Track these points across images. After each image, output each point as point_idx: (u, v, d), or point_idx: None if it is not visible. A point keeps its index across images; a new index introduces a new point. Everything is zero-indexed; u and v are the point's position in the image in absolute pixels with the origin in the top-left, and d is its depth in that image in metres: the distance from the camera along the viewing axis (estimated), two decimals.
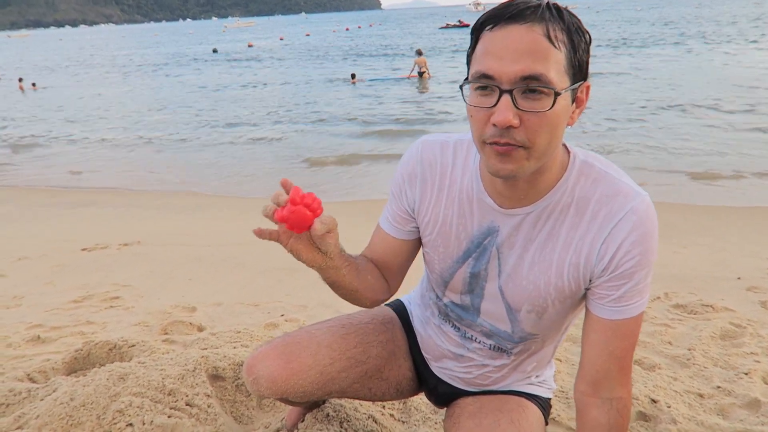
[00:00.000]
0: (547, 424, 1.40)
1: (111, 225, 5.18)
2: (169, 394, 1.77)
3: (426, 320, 1.45)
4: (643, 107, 10.85)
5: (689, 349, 2.35)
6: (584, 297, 1.17)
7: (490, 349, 1.32)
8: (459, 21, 47.90)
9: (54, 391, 1.85)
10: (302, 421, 1.72)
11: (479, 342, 1.32)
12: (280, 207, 1.00)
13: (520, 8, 0.92)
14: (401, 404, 1.95)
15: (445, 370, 1.43)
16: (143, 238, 4.50)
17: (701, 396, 2.00)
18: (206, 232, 4.83)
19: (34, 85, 22.19)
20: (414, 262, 1.38)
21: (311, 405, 1.74)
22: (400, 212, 1.28)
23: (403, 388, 1.52)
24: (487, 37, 0.94)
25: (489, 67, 0.93)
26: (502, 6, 0.94)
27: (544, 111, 0.92)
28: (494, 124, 0.93)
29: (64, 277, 3.68)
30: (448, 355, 1.40)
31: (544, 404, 1.41)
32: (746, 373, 2.12)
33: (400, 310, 1.57)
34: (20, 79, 22.66)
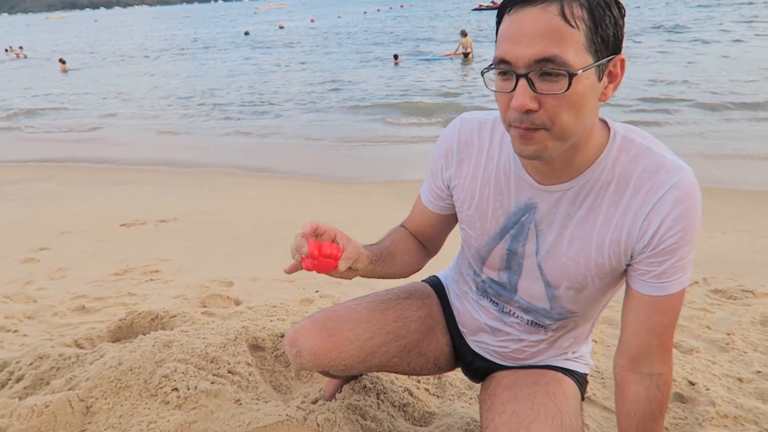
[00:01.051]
0: (583, 399, 1.41)
1: (149, 202, 5.30)
2: (212, 362, 1.82)
3: (463, 294, 1.46)
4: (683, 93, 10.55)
5: (728, 334, 2.31)
6: (624, 273, 1.16)
7: (527, 324, 1.32)
8: (492, 2, 47.10)
9: (102, 357, 1.92)
10: (340, 391, 1.76)
11: (517, 317, 1.33)
12: (304, 257, 1.11)
13: None
14: (436, 379, 1.97)
15: (481, 344, 1.45)
16: (180, 216, 4.60)
17: (740, 380, 1.97)
18: (243, 210, 4.91)
19: (62, 62, 22.78)
20: (449, 239, 1.40)
21: (349, 377, 1.77)
22: (437, 188, 1.31)
23: (440, 363, 1.54)
24: (506, 21, 0.95)
25: (505, 53, 0.93)
26: None
27: (561, 93, 0.92)
28: (514, 108, 0.95)
29: (105, 252, 3.80)
30: (485, 329, 1.41)
31: (580, 379, 1.41)
32: None
33: (437, 285, 1.58)
34: (61, 60, 23.17)
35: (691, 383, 1.91)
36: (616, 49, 0.96)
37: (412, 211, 1.41)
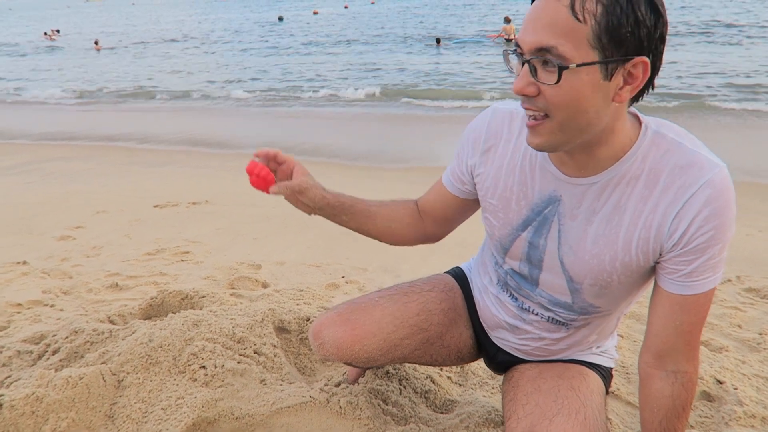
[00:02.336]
0: (607, 393, 1.40)
1: (183, 184, 5.40)
2: (239, 342, 1.86)
3: (484, 289, 1.45)
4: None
5: (760, 334, 2.26)
6: (652, 270, 1.13)
7: (547, 321, 1.31)
8: None
9: (133, 333, 1.98)
10: (363, 376, 1.78)
11: (536, 314, 1.31)
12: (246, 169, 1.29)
13: None
14: (459, 368, 1.98)
15: (502, 340, 1.44)
16: (211, 198, 4.67)
17: None
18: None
19: (96, 43, 23.71)
20: (474, 229, 1.39)
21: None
22: (459, 172, 1.33)
23: (463, 355, 1.54)
24: (530, 7, 0.97)
25: (518, 37, 0.97)
26: None
27: (552, 84, 0.93)
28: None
29: (139, 231, 3.89)
30: (504, 326, 1.40)
31: (605, 373, 1.40)
32: None
33: (461, 277, 1.58)
34: (96, 42, 23.93)
35: (719, 382, 1.88)
36: (639, 50, 0.92)
37: (430, 189, 1.44)
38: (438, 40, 18.73)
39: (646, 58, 0.93)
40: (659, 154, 1.04)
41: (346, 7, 50.82)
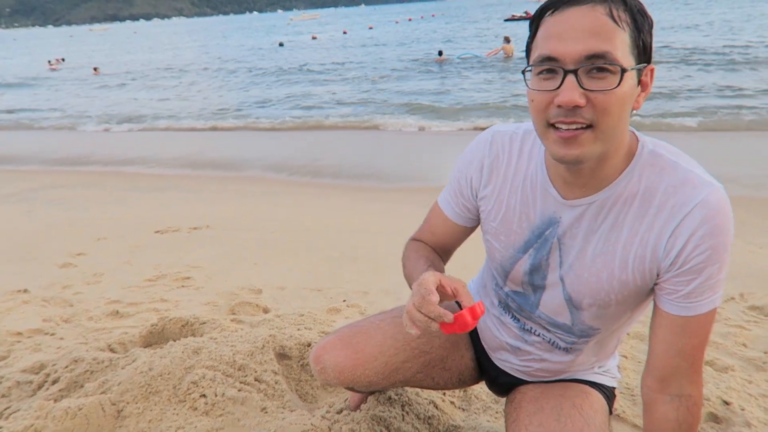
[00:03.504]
0: (611, 413, 1.38)
1: (183, 209, 5.41)
2: (239, 369, 1.85)
3: (485, 311, 1.44)
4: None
5: (765, 353, 2.24)
6: (651, 292, 1.13)
7: (548, 343, 1.31)
8: (525, 12, 46.87)
9: (133, 361, 1.97)
10: (365, 402, 1.76)
11: (538, 335, 1.31)
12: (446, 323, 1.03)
13: None
14: (462, 392, 1.96)
15: (504, 362, 1.44)
16: (212, 223, 4.68)
17: None
18: (273, 216, 4.97)
19: (95, 70, 24.43)
20: (473, 251, 1.38)
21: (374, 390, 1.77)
22: (464, 199, 1.29)
23: (465, 378, 1.53)
24: (549, 21, 0.95)
25: (552, 49, 0.93)
26: None
27: (611, 89, 0.91)
28: (559, 105, 0.93)
29: (140, 257, 3.89)
30: (506, 347, 1.40)
31: (608, 392, 1.39)
32: None
33: None
34: (95, 68, 24.58)
35: (726, 403, 1.86)
36: (649, 58, 0.96)
37: (430, 223, 1.38)
38: (440, 52, 19.24)
39: (653, 66, 0.97)
40: (655, 173, 1.04)
41: (344, 33, 51.48)
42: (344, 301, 2.97)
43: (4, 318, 2.84)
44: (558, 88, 0.93)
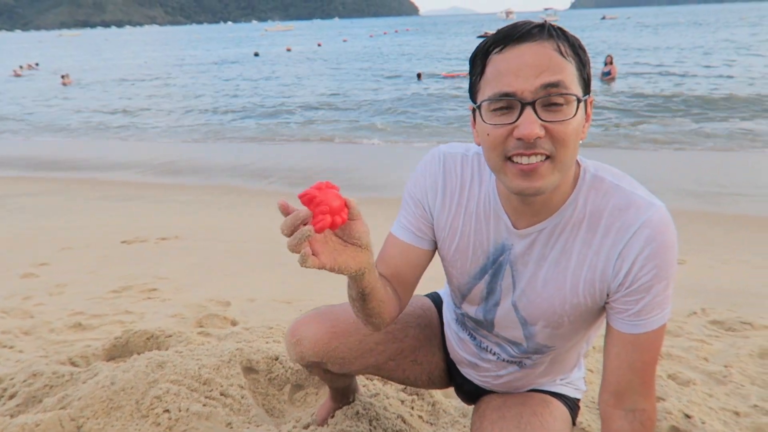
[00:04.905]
0: (574, 424, 1.41)
1: (151, 219, 5.32)
2: (205, 384, 1.82)
3: (447, 324, 1.49)
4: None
5: (726, 366, 2.29)
6: (603, 310, 1.16)
7: (504, 361, 1.34)
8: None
9: (95, 376, 1.92)
10: (332, 417, 1.75)
11: (494, 353, 1.34)
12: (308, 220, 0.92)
13: (527, 29, 0.96)
14: (430, 406, 1.96)
15: (466, 373, 1.47)
16: (181, 233, 4.61)
17: (737, 414, 1.95)
18: (242, 228, 4.93)
19: (63, 78, 23.75)
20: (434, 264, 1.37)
21: (341, 399, 1.77)
22: (423, 220, 1.24)
23: (434, 377, 1.56)
24: (498, 59, 0.97)
25: (508, 84, 0.95)
26: (506, 30, 0.97)
27: (568, 119, 0.95)
28: (519, 138, 0.94)
29: (105, 268, 3.80)
30: (465, 362, 1.44)
31: (571, 403, 1.42)
32: None
33: (438, 302, 1.61)
34: (63, 76, 23.87)
35: (687, 416, 1.89)
36: (589, 88, 1.01)
37: (386, 255, 1.27)
38: (419, 75, 19.57)
39: (592, 97, 1.02)
40: (599, 197, 1.07)
41: (319, 45, 51.52)
42: None
43: None
44: (515, 121, 0.95)
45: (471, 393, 1.51)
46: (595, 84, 15.75)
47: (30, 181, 7.60)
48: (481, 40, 1.05)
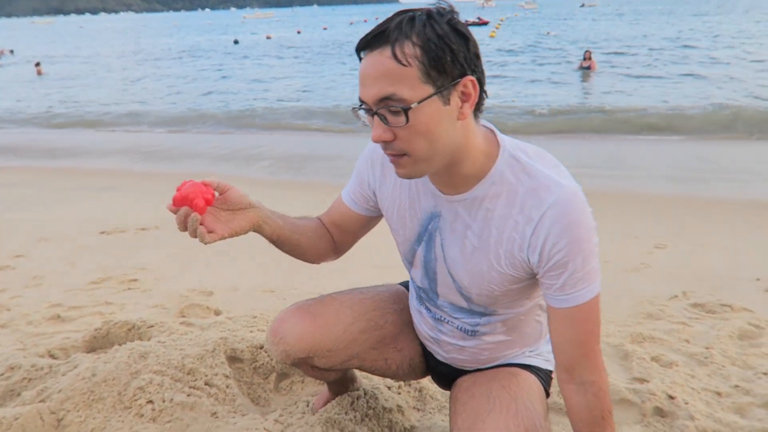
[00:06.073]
0: (548, 395, 1.44)
1: (131, 209, 5.22)
2: (189, 374, 1.79)
3: (411, 301, 1.53)
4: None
5: (707, 348, 2.32)
6: (536, 278, 1.20)
7: (458, 330, 1.38)
8: (478, 18, 47.57)
9: (75, 368, 1.88)
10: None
11: (448, 323, 1.39)
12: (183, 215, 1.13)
13: (373, 35, 1.02)
14: (417, 392, 1.96)
15: (436, 353, 1.50)
16: (161, 224, 4.53)
17: (719, 394, 1.98)
18: None
19: (37, 64, 22.98)
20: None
21: (338, 390, 1.76)
22: (361, 191, 1.39)
23: (415, 365, 1.58)
24: (361, 64, 1.05)
25: (360, 94, 1.05)
26: (365, 34, 1.04)
27: (403, 126, 1.01)
28: None
29: (84, 259, 3.73)
30: (428, 338, 1.48)
31: (542, 374, 1.44)
32: (765, 373, 2.10)
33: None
34: (37, 63, 23.13)
35: (671, 397, 1.92)
36: (464, 72, 1.03)
37: (331, 208, 1.48)
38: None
39: (471, 77, 1.03)
40: (514, 176, 1.13)
41: (299, 32, 51.03)
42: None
43: None
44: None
45: (446, 376, 1.54)
46: (576, 75, 15.82)
47: (3, 172, 7.42)
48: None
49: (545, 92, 13.04)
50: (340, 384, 1.76)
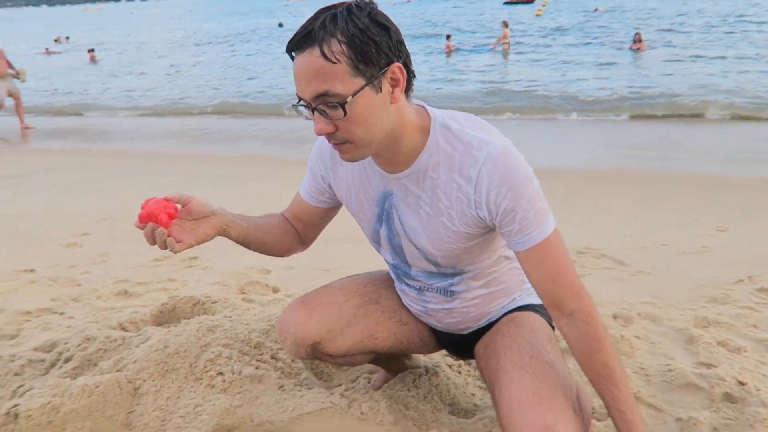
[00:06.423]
0: (553, 328, 1.48)
1: (187, 190, 5.36)
2: (255, 347, 1.84)
3: (396, 287, 1.60)
4: None
5: None
6: (493, 230, 1.28)
7: (439, 294, 1.45)
8: None
9: (147, 340, 1.96)
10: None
11: (428, 290, 1.46)
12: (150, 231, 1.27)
13: (300, 36, 1.08)
14: (477, 371, 1.96)
15: (433, 326, 1.57)
16: (219, 203, 4.65)
17: None
18: (280, 198, 4.94)
19: (91, 51, 23.56)
20: None
21: (394, 366, 1.78)
22: (317, 185, 1.48)
23: (425, 338, 1.62)
24: (294, 63, 1.11)
25: (298, 91, 1.12)
26: (293, 35, 1.10)
27: (342, 118, 1.09)
28: None
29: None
30: (419, 312, 1.54)
31: (541, 308, 1.48)
32: None
33: None
34: (91, 50, 23.78)
35: (741, 383, 1.86)
36: (390, 59, 1.10)
37: (291, 204, 1.57)
38: (448, 37, 19.01)
39: (398, 63, 1.11)
40: (449, 143, 1.22)
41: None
42: None
43: (11, 297, 2.82)
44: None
45: (456, 345, 1.61)
46: (626, 56, 15.21)
47: (63, 154, 7.74)
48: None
49: (595, 75, 12.63)
50: (394, 362, 1.78)
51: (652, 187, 5.07)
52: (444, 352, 1.81)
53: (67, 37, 34.95)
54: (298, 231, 1.56)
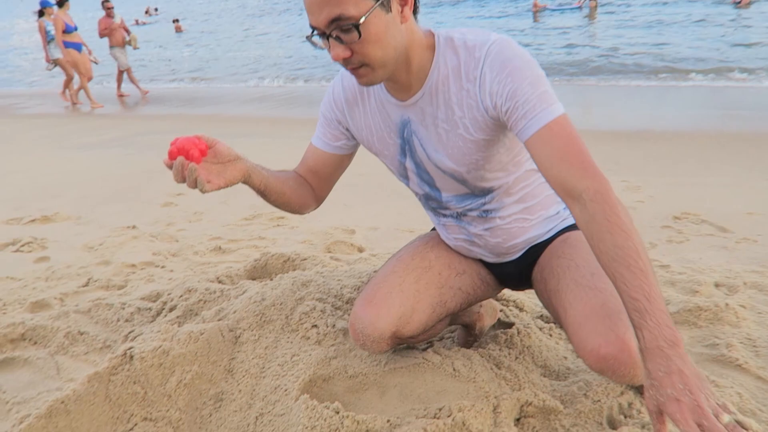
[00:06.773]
0: None
1: (272, 153, 5.51)
2: (348, 303, 1.88)
3: (436, 227, 1.63)
4: None
5: None
6: (505, 135, 1.31)
7: (478, 216, 1.47)
8: None
9: (244, 292, 2.04)
10: (475, 341, 1.76)
11: (466, 215, 1.48)
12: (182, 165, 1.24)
13: None
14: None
15: (482, 257, 1.59)
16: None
17: None
18: (362, 161, 4.98)
19: (176, 21, 24.34)
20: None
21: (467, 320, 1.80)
22: (331, 131, 1.50)
23: (484, 278, 1.63)
24: None
25: (311, 22, 1.13)
26: None
27: (356, 41, 1.12)
28: None
29: (236, 198, 4.01)
30: (465, 244, 1.56)
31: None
32: None
33: None
34: (176, 20, 24.60)
35: None
36: None
37: (304, 157, 1.58)
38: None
39: None
40: (453, 53, 1.26)
41: None
42: None
43: (118, 251, 3.03)
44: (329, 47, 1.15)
45: (511, 276, 1.62)
46: (728, 9, 13.95)
47: (155, 119, 8.13)
48: None
49: (693, 33, 11.68)
50: (465, 315, 1.79)
51: (759, 149, 4.69)
52: (532, 309, 1.77)
53: (156, 9, 36.33)
54: (312, 185, 1.58)
